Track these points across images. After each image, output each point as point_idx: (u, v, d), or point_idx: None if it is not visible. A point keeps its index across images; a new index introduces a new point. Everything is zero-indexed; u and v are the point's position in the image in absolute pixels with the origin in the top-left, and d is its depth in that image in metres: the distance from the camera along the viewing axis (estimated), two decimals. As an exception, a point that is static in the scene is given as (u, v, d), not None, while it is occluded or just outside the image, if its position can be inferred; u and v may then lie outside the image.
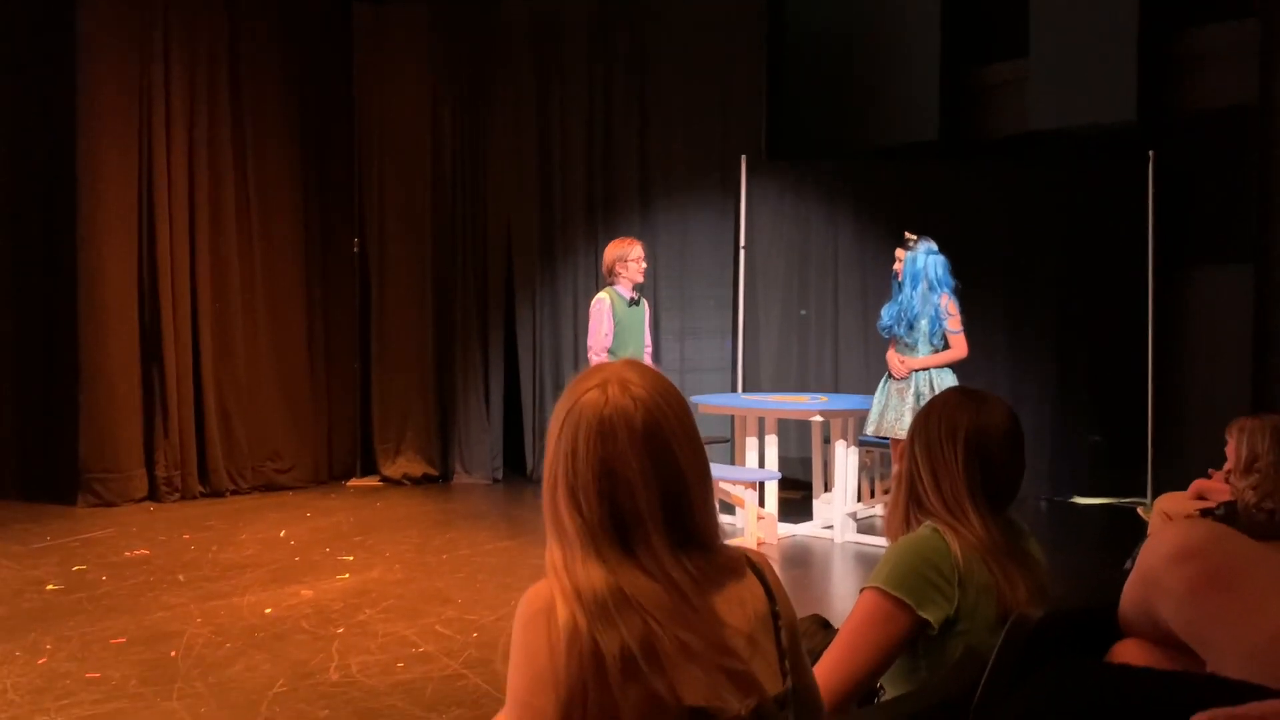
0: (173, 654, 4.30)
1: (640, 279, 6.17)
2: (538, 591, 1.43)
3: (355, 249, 8.58)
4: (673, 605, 1.39)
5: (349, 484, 8.40)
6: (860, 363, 7.94)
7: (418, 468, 8.45)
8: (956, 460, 2.01)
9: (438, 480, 8.46)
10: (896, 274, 6.19)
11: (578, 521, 1.42)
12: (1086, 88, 7.42)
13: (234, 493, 7.77)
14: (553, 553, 1.45)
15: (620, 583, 1.38)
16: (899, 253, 6.20)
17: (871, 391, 6.47)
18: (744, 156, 8.14)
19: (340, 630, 4.63)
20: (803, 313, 8.21)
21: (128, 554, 5.98)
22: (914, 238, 6.13)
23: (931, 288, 6.01)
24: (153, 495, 7.46)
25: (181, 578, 5.49)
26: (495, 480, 8.49)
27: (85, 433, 7.27)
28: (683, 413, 1.47)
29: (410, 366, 8.50)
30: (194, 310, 7.65)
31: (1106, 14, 7.34)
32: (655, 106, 8.52)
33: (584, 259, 8.51)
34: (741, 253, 8.21)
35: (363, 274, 8.59)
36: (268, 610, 4.92)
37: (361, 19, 8.46)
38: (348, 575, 5.56)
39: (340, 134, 8.46)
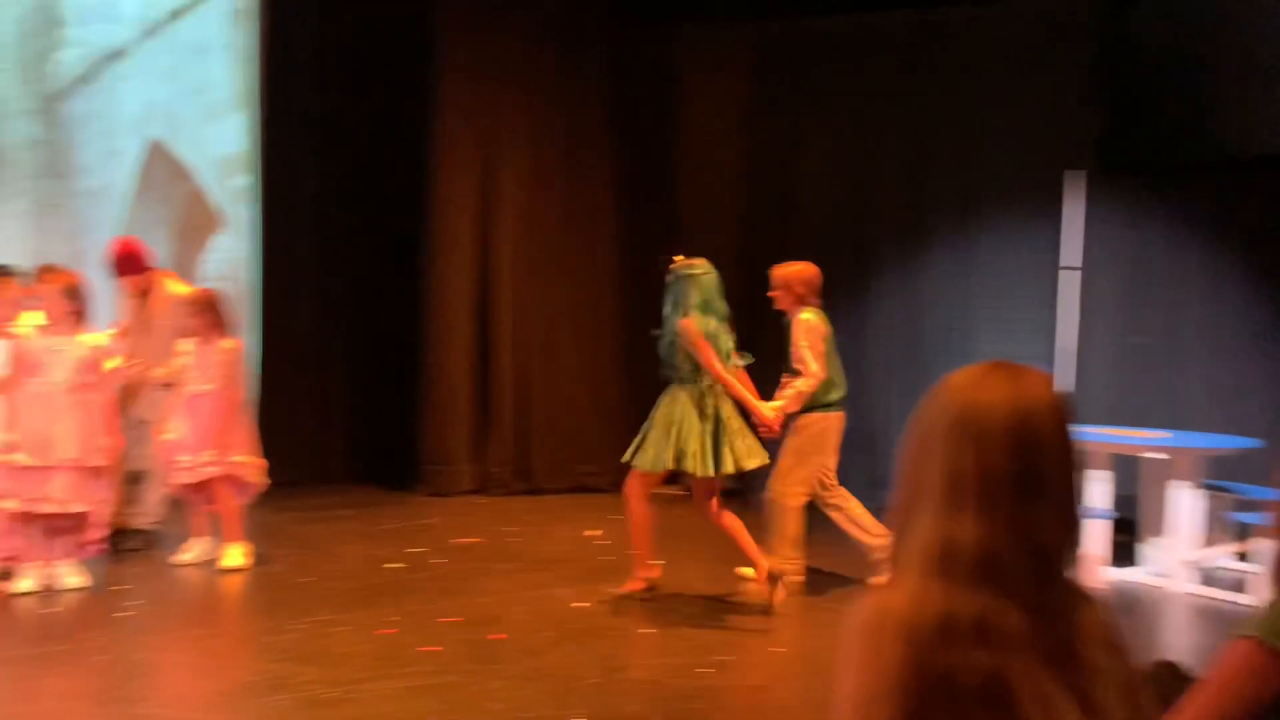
0: (499, 636, 4.60)
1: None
2: (881, 604, 1.38)
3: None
4: (1034, 580, 1.33)
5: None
6: (1203, 398, 7.20)
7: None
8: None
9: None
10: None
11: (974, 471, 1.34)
12: None
13: (550, 492, 8.24)
14: (918, 522, 1.39)
15: (982, 542, 1.32)
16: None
17: (1214, 429, 5.88)
18: (1076, 171, 7.63)
19: (648, 631, 4.78)
20: (1141, 340, 7.53)
21: (459, 541, 6.48)
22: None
23: None
24: (480, 489, 8.07)
25: (504, 567, 5.87)
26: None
27: (426, 430, 7.99)
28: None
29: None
30: (522, 329, 8.20)
31: None
32: (975, 118, 8.15)
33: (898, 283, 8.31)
34: (1072, 274, 7.69)
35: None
36: (583, 604, 5.15)
37: (685, 41, 8.69)
38: (656, 577, 5.72)
39: (658, 158, 8.68)
